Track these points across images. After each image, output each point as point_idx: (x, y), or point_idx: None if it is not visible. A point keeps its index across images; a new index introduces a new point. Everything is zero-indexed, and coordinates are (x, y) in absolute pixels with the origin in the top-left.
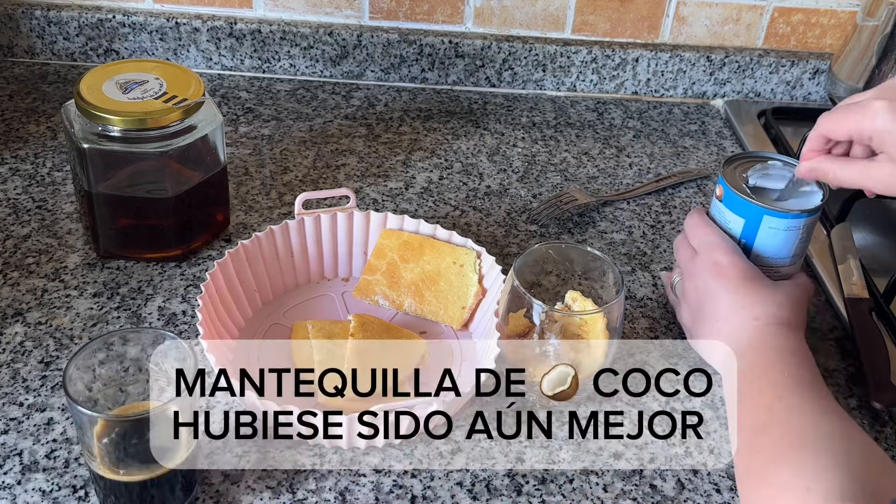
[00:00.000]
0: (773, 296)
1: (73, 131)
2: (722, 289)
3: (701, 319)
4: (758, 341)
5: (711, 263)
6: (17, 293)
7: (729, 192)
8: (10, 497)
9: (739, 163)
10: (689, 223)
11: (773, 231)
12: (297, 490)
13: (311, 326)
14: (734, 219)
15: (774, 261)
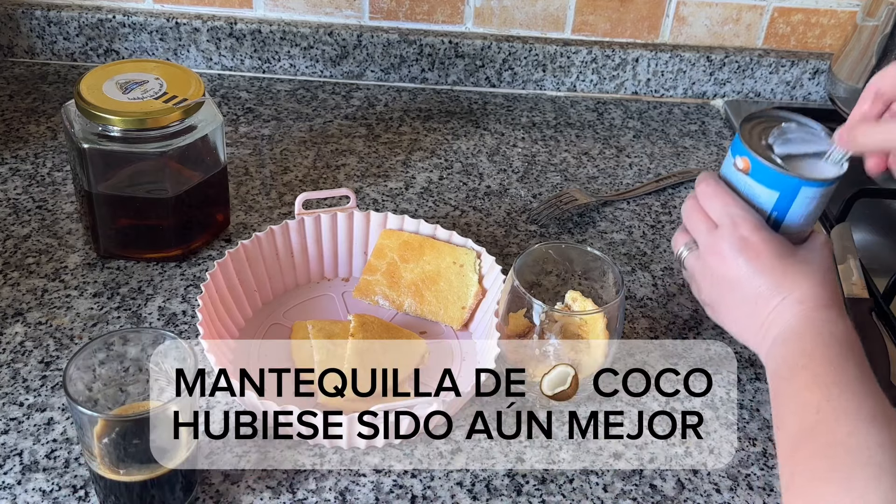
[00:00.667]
0: (812, 273)
1: (74, 131)
2: (754, 269)
3: (730, 301)
4: (805, 327)
5: (738, 239)
6: (18, 293)
7: (759, 164)
8: (10, 497)
9: (755, 127)
10: (705, 191)
11: (808, 201)
12: (297, 490)
13: (311, 326)
14: (766, 192)
15: (801, 230)
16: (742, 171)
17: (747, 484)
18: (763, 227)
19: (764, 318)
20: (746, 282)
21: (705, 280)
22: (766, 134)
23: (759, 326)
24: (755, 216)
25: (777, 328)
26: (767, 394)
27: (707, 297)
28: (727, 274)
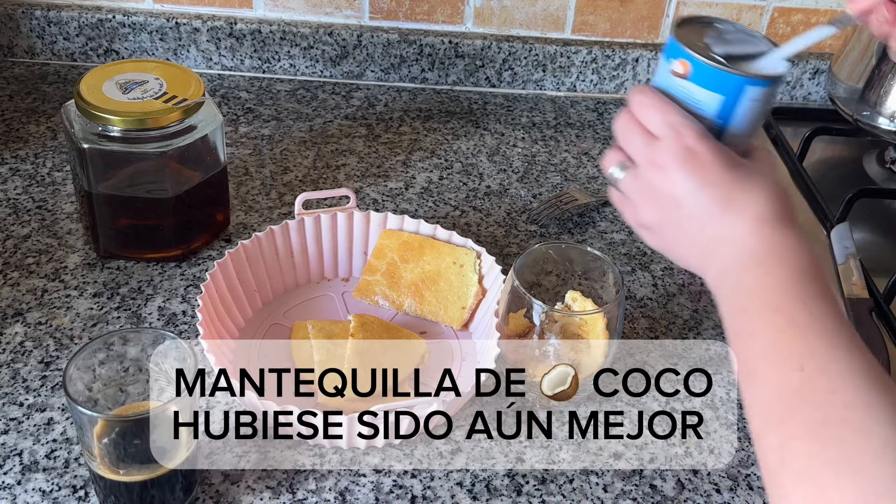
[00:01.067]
0: (765, 185)
1: (73, 131)
2: (703, 182)
3: (674, 220)
4: (767, 253)
5: (682, 149)
6: (18, 293)
7: (701, 65)
8: (10, 497)
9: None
10: (640, 100)
11: (753, 104)
12: (297, 490)
13: (311, 326)
14: (708, 97)
15: (746, 138)
16: (680, 76)
17: (747, 484)
18: (708, 136)
19: (713, 234)
20: (694, 196)
21: (644, 199)
22: (701, 36)
23: (706, 244)
24: (698, 124)
25: (730, 247)
26: None
27: (647, 218)
28: (671, 189)
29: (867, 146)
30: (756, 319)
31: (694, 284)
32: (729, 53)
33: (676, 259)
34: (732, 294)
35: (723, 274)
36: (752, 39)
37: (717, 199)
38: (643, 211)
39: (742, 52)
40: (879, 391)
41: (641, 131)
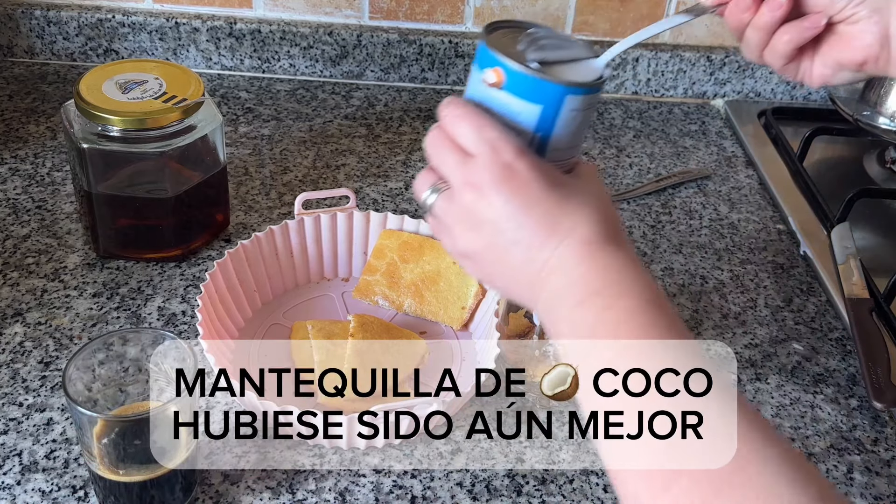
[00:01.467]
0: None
1: (73, 131)
2: (524, 203)
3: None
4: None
5: (501, 167)
6: (17, 293)
7: (516, 73)
8: (9, 497)
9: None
10: (452, 114)
11: (574, 114)
12: (296, 490)
13: (311, 326)
14: (526, 108)
15: (569, 153)
16: (494, 86)
17: None
18: (528, 152)
19: (542, 263)
20: (516, 220)
21: (462, 225)
22: (514, 42)
23: (533, 273)
24: (517, 140)
25: (560, 276)
26: (768, 394)
27: (466, 246)
28: (490, 213)
29: (867, 146)
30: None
31: (694, 284)
32: (545, 60)
33: (502, 290)
34: (571, 332)
35: (556, 307)
36: (568, 45)
37: (541, 222)
38: (461, 238)
39: (559, 58)
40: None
41: (454, 149)
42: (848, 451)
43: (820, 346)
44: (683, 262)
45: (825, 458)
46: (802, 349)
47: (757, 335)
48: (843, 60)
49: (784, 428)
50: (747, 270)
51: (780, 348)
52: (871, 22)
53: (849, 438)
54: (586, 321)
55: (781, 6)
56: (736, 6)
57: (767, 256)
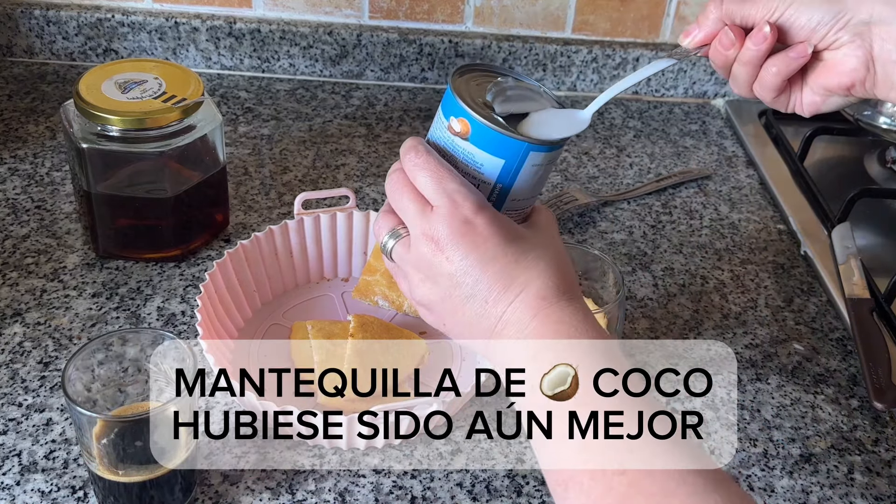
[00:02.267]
0: (546, 259)
1: (73, 131)
2: (481, 259)
3: (453, 299)
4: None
5: (460, 222)
6: (17, 293)
7: (482, 127)
8: (9, 498)
9: (469, 83)
10: (416, 162)
11: (536, 168)
12: (296, 491)
13: (311, 326)
14: (489, 160)
15: (528, 202)
16: (459, 136)
17: (748, 485)
18: (487, 207)
19: (497, 318)
20: (473, 275)
21: (419, 275)
22: (482, 90)
23: (489, 327)
24: (477, 194)
25: (514, 331)
26: (769, 394)
27: (422, 295)
28: (447, 267)
29: (868, 146)
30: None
31: (695, 285)
32: (510, 112)
33: (457, 339)
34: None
35: (510, 362)
36: (532, 94)
37: (497, 277)
38: (418, 287)
39: (525, 109)
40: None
41: (415, 197)
42: (849, 452)
43: (820, 346)
44: (684, 261)
45: (826, 459)
46: (803, 349)
47: (757, 335)
48: (831, 86)
49: (784, 428)
50: (748, 270)
51: (781, 348)
52: (854, 46)
53: (849, 439)
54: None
55: (766, 38)
56: (720, 44)
57: (768, 256)
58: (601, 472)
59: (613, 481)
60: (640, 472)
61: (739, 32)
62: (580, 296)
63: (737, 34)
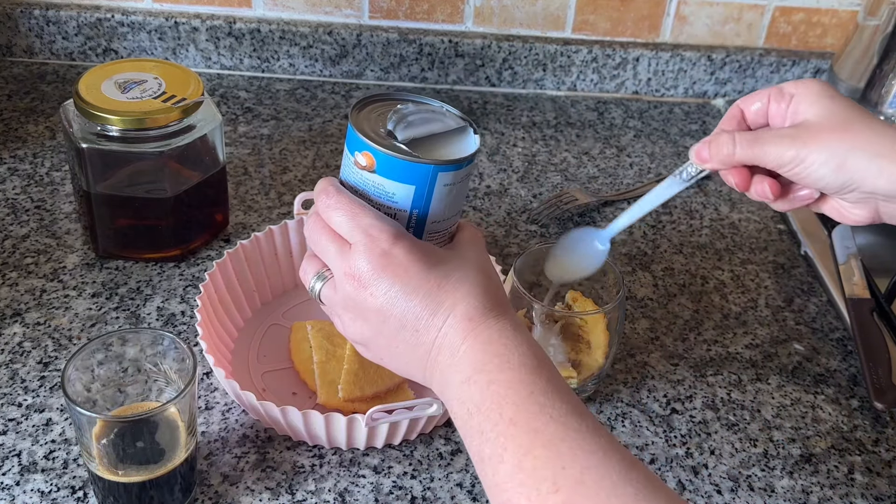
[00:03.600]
0: (470, 278)
1: (72, 131)
2: (405, 289)
3: (385, 333)
4: (483, 356)
5: (379, 255)
6: (16, 293)
7: (385, 157)
8: (8, 498)
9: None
10: (326, 202)
11: (449, 188)
12: (296, 491)
13: (311, 327)
14: (399, 188)
15: (449, 222)
16: (366, 170)
17: (748, 485)
18: (404, 236)
19: (430, 344)
20: (399, 306)
21: (349, 314)
22: (382, 120)
23: (423, 355)
24: (392, 225)
25: (446, 355)
26: (769, 395)
27: (354, 333)
28: (373, 302)
29: None
30: (496, 440)
31: (695, 284)
32: (413, 137)
33: (398, 372)
34: (462, 410)
35: (446, 386)
36: (435, 115)
37: (423, 305)
38: (350, 326)
39: (430, 131)
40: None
41: (333, 237)
42: (849, 452)
43: (821, 346)
44: (684, 261)
45: (826, 459)
46: (803, 349)
47: (757, 335)
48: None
49: (785, 428)
50: (748, 270)
51: (781, 348)
52: (861, 204)
53: (850, 439)
54: (473, 399)
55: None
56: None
57: (768, 256)
58: (536, 492)
59: (548, 500)
60: (573, 488)
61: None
62: (508, 310)
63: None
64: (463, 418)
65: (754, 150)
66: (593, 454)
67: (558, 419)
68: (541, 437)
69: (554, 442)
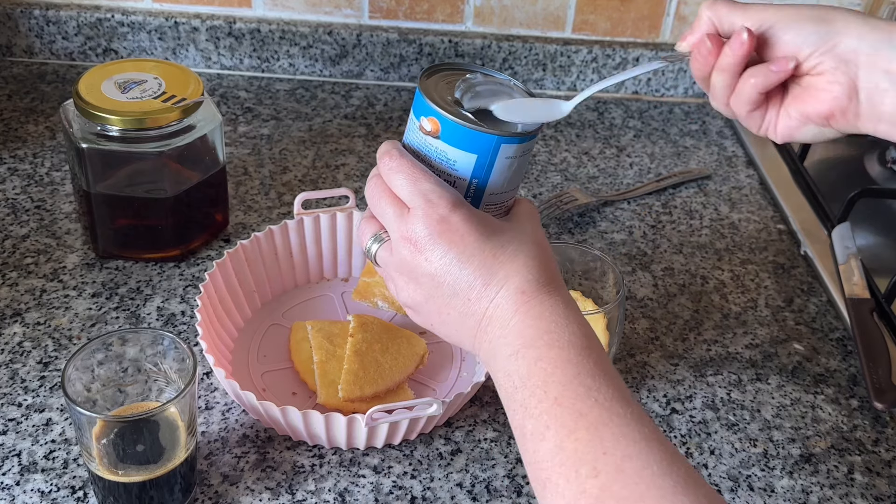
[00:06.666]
0: (526, 252)
1: (72, 131)
2: (460, 256)
3: (437, 299)
4: (534, 332)
5: (437, 221)
6: (16, 293)
7: (450, 123)
8: (8, 498)
9: (438, 82)
10: (390, 165)
11: (510, 161)
12: (296, 491)
13: (311, 327)
14: (462, 156)
15: (507, 195)
16: (431, 135)
17: (748, 485)
18: (462, 204)
19: (481, 314)
20: (453, 273)
21: (403, 277)
22: (451, 88)
23: (474, 324)
24: (451, 192)
25: (497, 327)
26: (769, 395)
27: (407, 297)
28: (427, 267)
29: (868, 146)
30: (539, 418)
31: (695, 284)
32: (480, 107)
33: (447, 337)
34: (508, 383)
35: (493, 357)
36: (503, 88)
37: (477, 274)
38: (403, 289)
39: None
40: (682, 484)
41: (392, 201)
42: (849, 452)
43: (821, 346)
44: (684, 261)
45: (826, 459)
46: (803, 349)
47: (757, 335)
48: (809, 112)
49: (785, 428)
50: (748, 270)
51: (781, 348)
52: (838, 73)
53: (849, 439)
54: (520, 373)
55: (743, 45)
56: (698, 52)
57: (768, 256)
58: (575, 473)
59: (587, 484)
60: (612, 474)
61: (718, 41)
62: (561, 287)
63: (715, 42)
64: (508, 391)
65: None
66: (636, 443)
67: (603, 403)
68: (584, 420)
69: (597, 426)
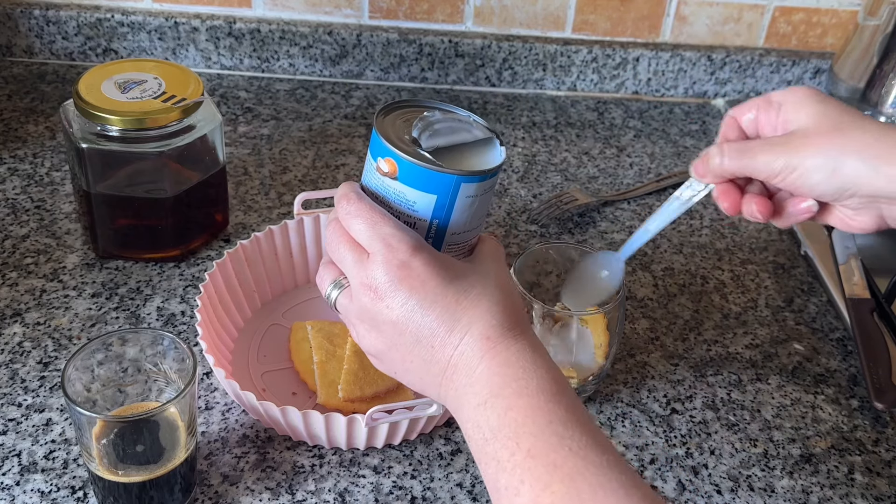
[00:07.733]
0: (489, 295)
1: (72, 131)
2: (422, 302)
3: (400, 347)
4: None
5: (397, 267)
6: (16, 293)
7: (408, 165)
8: (8, 498)
9: (395, 121)
10: (346, 209)
11: (471, 200)
12: (296, 491)
13: (311, 327)
14: (421, 197)
15: (470, 234)
16: (388, 176)
17: (748, 485)
18: (423, 248)
19: (446, 362)
20: (415, 320)
21: (364, 325)
22: (408, 127)
23: (439, 372)
24: (412, 235)
25: (463, 375)
26: (769, 395)
27: (369, 345)
28: (389, 314)
29: None
30: (513, 472)
31: (695, 284)
32: (438, 146)
33: (411, 387)
34: (478, 434)
35: (461, 407)
36: (461, 125)
37: (440, 320)
38: (365, 337)
39: (455, 141)
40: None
41: (351, 246)
42: (849, 452)
43: (821, 346)
44: (684, 261)
45: (826, 459)
46: (803, 349)
47: (758, 335)
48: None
49: (785, 428)
50: (748, 270)
51: (781, 349)
52: (863, 212)
53: (850, 439)
54: (490, 424)
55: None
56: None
57: (768, 256)
58: None
59: None
60: None
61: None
62: (527, 330)
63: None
64: (478, 443)
65: (743, 160)
66: (614, 492)
67: (578, 452)
68: (559, 472)
69: (573, 477)
